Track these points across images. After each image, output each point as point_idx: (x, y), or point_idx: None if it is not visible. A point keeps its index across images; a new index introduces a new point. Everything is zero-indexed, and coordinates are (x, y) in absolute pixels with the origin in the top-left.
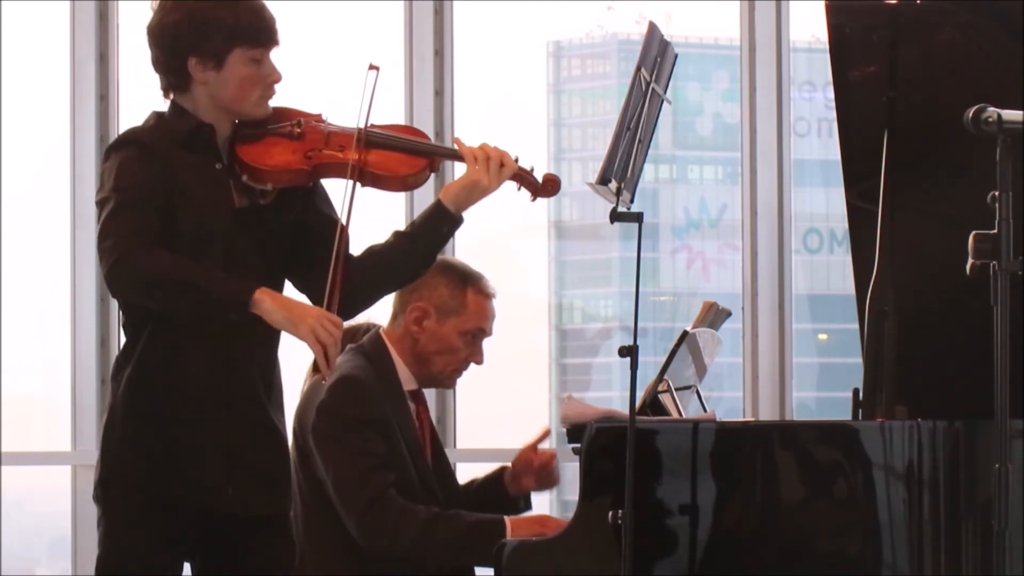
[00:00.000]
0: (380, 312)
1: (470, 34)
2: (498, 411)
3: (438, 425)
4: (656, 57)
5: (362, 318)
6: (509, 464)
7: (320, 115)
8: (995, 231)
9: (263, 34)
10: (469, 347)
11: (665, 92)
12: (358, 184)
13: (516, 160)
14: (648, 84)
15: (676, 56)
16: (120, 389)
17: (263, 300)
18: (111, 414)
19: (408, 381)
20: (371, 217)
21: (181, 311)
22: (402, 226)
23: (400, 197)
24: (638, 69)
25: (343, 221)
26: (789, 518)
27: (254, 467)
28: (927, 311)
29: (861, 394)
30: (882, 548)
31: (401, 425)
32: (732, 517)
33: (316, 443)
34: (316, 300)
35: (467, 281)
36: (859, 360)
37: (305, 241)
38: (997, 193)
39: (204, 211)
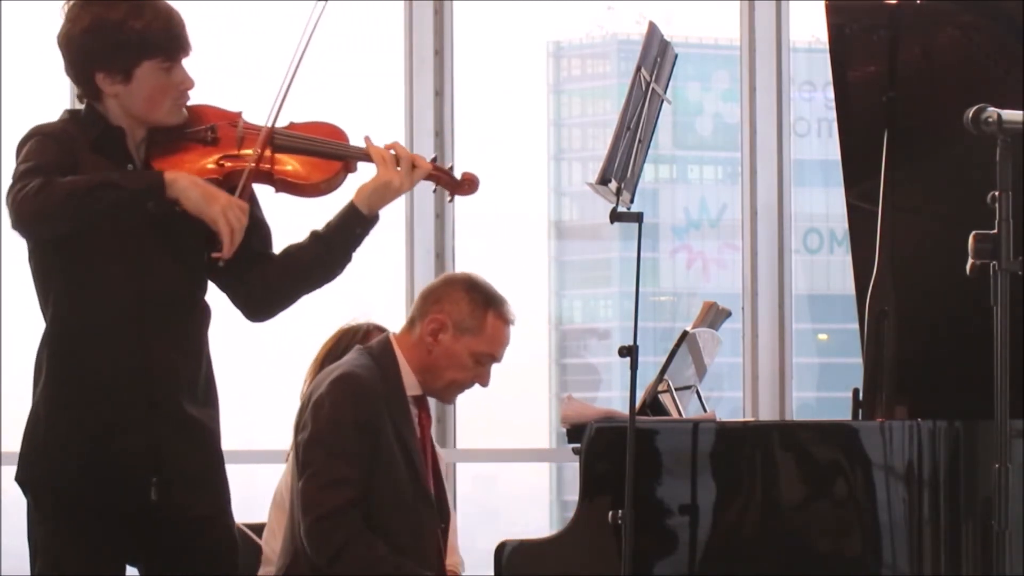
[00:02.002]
0: (378, 312)
1: (470, 34)
2: (498, 411)
3: (438, 424)
4: (656, 57)
5: (362, 319)
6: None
7: (239, 115)
8: (995, 231)
9: (172, 44)
10: (477, 368)
11: (665, 92)
12: (272, 188)
13: (434, 160)
14: (648, 84)
15: (676, 56)
16: (38, 393)
17: (176, 179)
18: (32, 419)
19: (412, 387)
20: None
21: (99, 216)
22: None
23: None
24: (638, 69)
25: (269, 124)
26: (789, 518)
27: (182, 469)
28: (927, 311)
29: (861, 394)
30: (882, 548)
31: (401, 429)
32: (732, 517)
33: (301, 434)
34: (235, 299)
35: (490, 304)
36: (859, 360)
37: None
38: (997, 193)
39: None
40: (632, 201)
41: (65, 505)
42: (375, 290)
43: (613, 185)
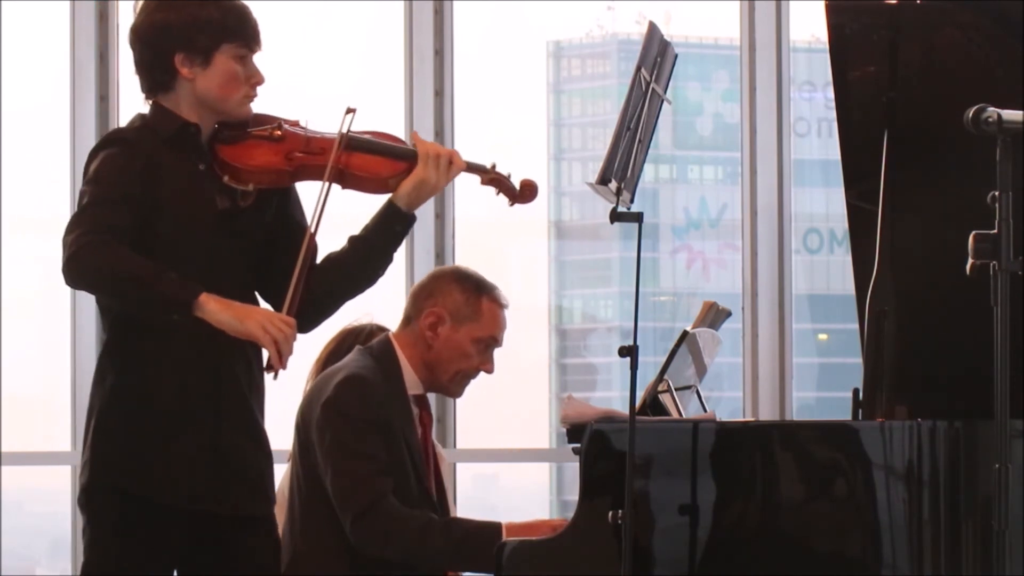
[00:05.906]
0: (378, 312)
1: (470, 34)
2: (498, 411)
3: (438, 424)
4: (656, 57)
5: (365, 319)
6: None
7: (298, 121)
8: (995, 231)
9: (249, 32)
10: (481, 355)
11: (665, 92)
12: (338, 186)
13: (493, 167)
14: (648, 84)
15: (676, 56)
16: (105, 396)
17: (208, 303)
18: (97, 421)
19: (414, 386)
20: (341, 223)
21: (128, 305)
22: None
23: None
24: (638, 69)
25: (312, 228)
26: (789, 518)
27: (238, 468)
28: (927, 311)
29: (861, 394)
30: (882, 548)
31: (404, 428)
32: (732, 517)
33: (318, 439)
34: (277, 307)
35: (482, 289)
36: (859, 360)
37: (274, 247)
38: (997, 193)
39: (186, 213)
40: (632, 201)
41: (120, 503)
42: (375, 290)
43: (613, 185)
